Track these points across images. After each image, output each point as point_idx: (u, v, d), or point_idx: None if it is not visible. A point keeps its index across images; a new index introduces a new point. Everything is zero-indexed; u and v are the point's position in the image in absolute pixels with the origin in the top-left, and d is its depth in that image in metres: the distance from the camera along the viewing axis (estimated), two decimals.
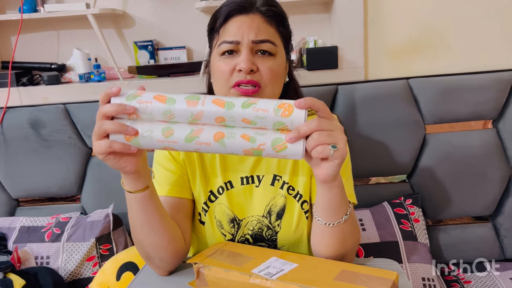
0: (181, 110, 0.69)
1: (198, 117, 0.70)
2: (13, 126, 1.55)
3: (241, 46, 0.90)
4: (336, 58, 1.54)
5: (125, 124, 0.70)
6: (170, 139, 0.70)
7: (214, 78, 0.95)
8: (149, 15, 1.70)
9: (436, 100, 1.49)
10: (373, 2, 1.55)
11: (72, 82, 1.68)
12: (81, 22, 1.65)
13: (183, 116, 0.70)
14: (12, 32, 1.72)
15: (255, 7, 0.92)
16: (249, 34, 0.90)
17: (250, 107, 0.69)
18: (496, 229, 1.56)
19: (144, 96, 0.70)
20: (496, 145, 1.51)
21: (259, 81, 0.90)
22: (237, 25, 0.91)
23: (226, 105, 0.69)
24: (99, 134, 0.72)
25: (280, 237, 0.99)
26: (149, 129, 0.70)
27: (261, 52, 0.91)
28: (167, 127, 0.70)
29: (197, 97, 0.70)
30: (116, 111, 0.70)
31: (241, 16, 0.91)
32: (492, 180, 1.52)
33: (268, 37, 0.91)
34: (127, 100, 0.70)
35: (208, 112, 0.70)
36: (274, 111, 0.69)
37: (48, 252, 1.43)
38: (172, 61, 1.70)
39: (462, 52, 1.59)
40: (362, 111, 1.48)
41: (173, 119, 0.71)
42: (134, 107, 0.70)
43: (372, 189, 1.58)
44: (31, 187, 1.60)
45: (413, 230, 1.42)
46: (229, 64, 0.90)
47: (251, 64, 0.88)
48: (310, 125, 0.69)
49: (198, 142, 0.70)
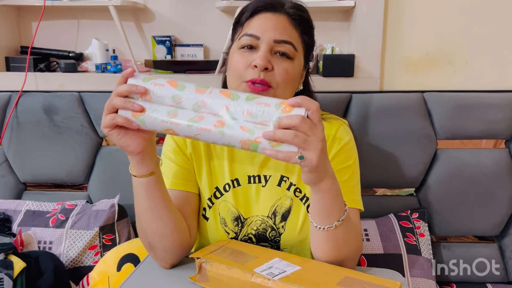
0: (189, 95, 0.73)
1: (204, 104, 0.73)
2: (27, 110, 1.56)
3: (261, 42, 0.89)
4: (353, 66, 1.54)
5: (131, 101, 0.74)
6: (173, 120, 0.73)
7: (229, 71, 0.95)
8: (169, 11, 1.71)
9: (450, 115, 1.48)
10: (393, 13, 1.54)
11: (89, 72, 1.69)
12: (102, 13, 1.67)
13: (190, 102, 0.73)
14: (34, 18, 1.74)
15: (284, 7, 0.92)
16: (272, 32, 0.89)
17: (254, 100, 0.72)
18: (501, 250, 1.54)
19: (158, 79, 0.74)
20: (507, 166, 1.50)
21: (271, 81, 0.89)
22: (262, 21, 0.91)
23: (232, 96, 0.72)
24: (107, 109, 0.75)
25: (283, 238, 0.99)
26: (156, 109, 0.73)
27: (280, 54, 0.90)
28: (173, 110, 0.73)
29: (206, 87, 0.74)
30: (128, 91, 0.74)
31: (268, 14, 0.91)
32: (501, 201, 1.50)
33: (290, 39, 0.91)
34: (143, 81, 0.74)
35: (214, 101, 0.72)
36: (275, 106, 0.71)
37: (51, 238, 1.43)
38: (188, 58, 1.71)
39: (479, 70, 1.58)
40: (375, 121, 1.48)
41: (181, 104, 0.73)
42: (145, 88, 0.74)
43: (379, 201, 1.57)
44: (39, 172, 1.61)
45: (417, 244, 1.41)
46: (246, 58, 0.89)
47: (267, 61, 0.88)
48: (292, 119, 0.69)
49: (198, 128, 0.72)
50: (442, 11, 1.54)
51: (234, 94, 0.73)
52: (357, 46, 1.55)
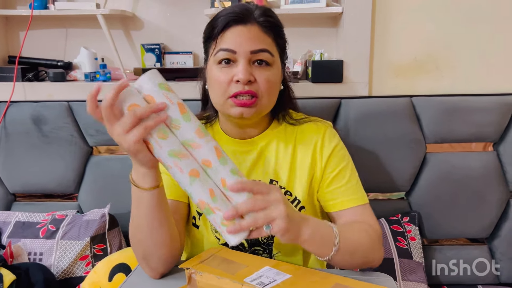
0: (188, 129, 0.73)
1: (195, 147, 0.74)
2: (16, 120, 1.55)
3: (238, 55, 0.91)
4: (341, 72, 1.55)
5: (157, 118, 0.72)
6: (160, 141, 0.72)
7: (211, 87, 0.96)
8: (158, 18, 1.71)
9: (438, 119, 1.49)
10: (380, 20, 1.56)
11: (77, 81, 1.68)
12: (90, 21, 1.67)
13: (185, 135, 0.73)
14: (21, 28, 1.73)
15: (253, 17, 0.93)
16: (247, 44, 0.91)
17: (235, 176, 0.75)
18: (492, 252, 1.55)
19: (171, 94, 0.73)
20: (495, 168, 1.51)
21: (257, 91, 0.91)
22: (235, 35, 0.91)
23: (221, 159, 0.74)
24: (132, 123, 0.71)
25: (276, 241, 0.99)
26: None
27: (258, 62, 0.92)
28: (165, 130, 0.73)
29: (205, 132, 0.75)
30: (157, 109, 0.72)
31: (239, 26, 0.92)
32: (490, 203, 1.52)
33: (265, 47, 0.92)
34: (158, 86, 0.73)
35: (205, 151, 0.74)
36: (246, 195, 0.74)
37: (41, 249, 1.42)
38: (178, 65, 1.71)
39: (466, 74, 1.59)
40: (364, 126, 1.48)
41: (176, 130, 0.73)
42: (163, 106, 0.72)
43: (370, 205, 1.57)
44: (29, 182, 1.60)
45: (409, 248, 1.41)
46: (227, 74, 0.91)
47: (249, 74, 0.90)
48: (246, 205, 0.73)
49: (175, 163, 0.73)
50: (429, 17, 1.56)
51: (223, 158, 0.75)
52: (345, 52, 1.56)
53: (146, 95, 0.73)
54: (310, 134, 1.02)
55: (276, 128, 1.04)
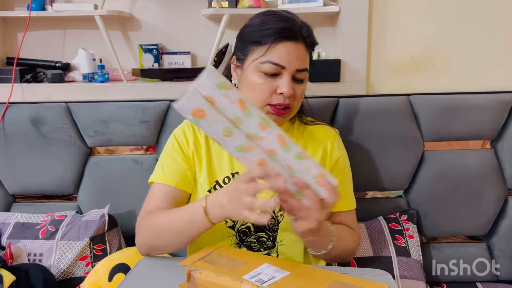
0: (251, 124, 0.75)
1: (258, 139, 0.77)
2: (14, 122, 1.56)
3: (284, 71, 0.97)
4: (339, 71, 1.55)
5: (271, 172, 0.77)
6: (225, 138, 0.76)
7: (251, 90, 1.01)
8: (155, 19, 1.72)
9: (436, 117, 1.50)
10: (377, 18, 1.56)
11: (76, 82, 1.69)
12: (88, 22, 1.67)
13: (248, 130, 0.76)
14: (19, 29, 1.73)
15: (301, 35, 0.98)
16: (296, 62, 0.97)
17: (300, 160, 0.78)
18: (490, 249, 1.55)
19: (230, 92, 0.74)
20: (493, 166, 1.52)
21: (292, 103, 1.00)
22: (287, 51, 0.97)
23: (285, 147, 0.77)
24: (253, 192, 0.78)
25: (281, 226, 1.04)
26: (215, 119, 0.74)
27: (297, 80, 1.00)
28: (228, 127, 0.75)
29: (268, 123, 0.77)
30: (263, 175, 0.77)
31: (290, 43, 0.97)
32: (488, 201, 1.52)
33: (307, 66, 1.01)
34: (217, 87, 0.73)
35: (268, 141, 0.77)
36: (313, 176, 0.79)
37: (41, 250, 1.42)
38: (176, 65, 1.71)
39: (464, 72, 1.60)
40: (362, 125, 1.49)
41: (239, 125, 0.76)
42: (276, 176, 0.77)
43: (369, 203, 1.58)
44: (28, 183, 1.60)
45: (407, 246, 1.42)
46: (271, 85, 0.98)
47: (292, 89, 0.97)
48: (308, 192, 0.80)
49: (244, 157, 0.77)
50: (426, 15, 1.56)
51: (288, 145, 0.77)
52: (343, 51, 1.57)
53: (206, 95, 0.74)
54: (321, 136, 1.13)
55: (289, 125, 1.13)
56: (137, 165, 1.54)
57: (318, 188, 0.80)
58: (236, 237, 1.06)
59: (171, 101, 1.53)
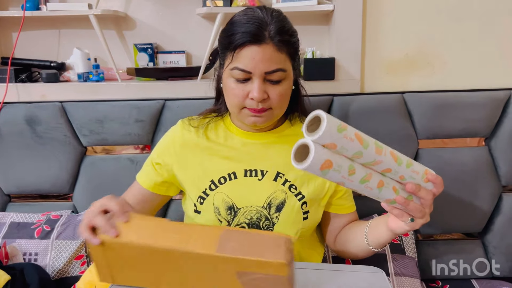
0: (370, 153, 0.75)
1: (377, 163, 0.77)
2: (9, 121, 1.56)
3: (253, 75, 0.96)
4: (333, 69, 1.55)
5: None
6: (351, 177, 0.76)
7: (227, 95, 1.03)
8: (150, 18, 1.72)
9: (430, 115, 1.50)
10: (371, 17, 1.56)
11: (71, 81, 1.68)
12: (82, 22, 1.67)
13: (367, 159, 0.76)
14: (14, 29, 1.73)
15: (268, 36, 0.95)
16: (262, 65, 0.95)
17: (410, 167, 0.81)
18: (484, 246, 1.56)
19: (348, 131, 0.73)
20: (487, 163, 1.53)
21: (269, 105, 0.99)
22: (250, 56, 0.95)
23: (398, 161, 0.79)
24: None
25: (276, 229, 1.04)
26: (340, 165, 0.74)
27: (271, 82, 0.98)
28: (351, 166, 0.75)
29: (381, 146, 0.77)
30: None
31: (254, 47, 0.94)
32: (483, 198, 1.53)
33: (279, 66, 0.96)
34: (338, 131, 0.71)
35: (385, 162, 0.78)
36: (421, 176, 0.83)
37: (37, 249, 1.42)
38: (171, 64, 1.71)
39: (458, 70, 1.60)
40: (357, 123, 1.49)
41: (358, 159, 0.76)
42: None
43: (363, 201, 1.57)
44: (23, 183, 1.60)
45: (401, 243, 1.42)
46: (242, 90, 0.98)
47: (263, 93, 0.96)
48: (423, 192, 0.84)
49: (367, 186, 0.78)
50: (420, 13, 1.57)
51: (399, 159, 0.79)
52: (337, 49, 1.57)
53: (326, 144, 0.72)
54: None
55: (288, 127, 1.13)
56: (133, 164, 1.54)
57: (426, 185, 0.85)
58: None
59: (166, 100, 1.53)
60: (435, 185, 0.85)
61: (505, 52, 1.58)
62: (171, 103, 1.52)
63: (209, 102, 1.24)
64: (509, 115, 1.51)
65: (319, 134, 0.69)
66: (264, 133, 1.10)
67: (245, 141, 1.09)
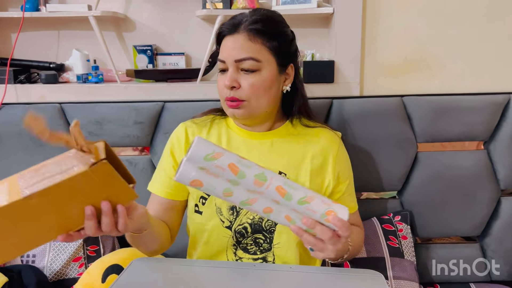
0: (248, 184, 0.77)
1: (258, 194, 0.79)
2: (8, 122, 1.55)
3: (227, 65, 1.00)
4: (333, 72, 1.56)
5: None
6: (228, 198, 0.79)
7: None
8: (150, 20, 1.71)
9: (429, 119, 1.50)
10: (371, 20, 1.57)
11: (70, 82, 1.68)
12: (82, 23, 1.66)
13: (247, 187, 0.78)
14: (13, 30, 1.73)
15: (242, 27, 0.99)
16: (231, 53, 0.99)
17: (304, 205, 0.80)
18: (483, 250, 1.56)
19: (220, 161, 0.75)
20: (486, 167, 1.53)
21: (241, 96, 1.00)
22: (226, 46, 1.01)
23: (286, 196, 0.79)
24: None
25: (278, 229, 1.05)
26: (213, 185, 0.77)
27: (244, 70, 1.00)
28: (228, 188, 0.78)
29: (264, 178, 0.78)
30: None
31: (229, 37, 1.01)
32: (481, 201, 1.53)
33: (249, 55, 0.98)
34: (204, 160, 0.74)
35: (268, 195, 0.79)
36: (320, 215, 0.81)
37: (34, 251, 1.42)
38: (170, 66, 1.71)
39: (456, 73, 1.61)
40: (356, 126, 1.49)
41: (236, 185, 0.78)
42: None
43: (363, 204, 1.58)
44: None
45: (400, 247, 1.42)
46: (221, 80, 1.02)
47: (232, 81, 0.99)
48: (318, 229, 0.83)
49: (250, 208, 0.81)
50: (419, 17, 1.57)
51: (288, 194, 0.79)
52: (337, 52, 1.57)
53: (198, 166, 0.75)
54: (324, 139, 1.12)
55: (289, 127, 1.13)
56: (131, 166, 1.54)
57: (328, 224, 0.83)
58: (233, 238, 1.06)
59: (165, 102, 1.53)
60: (338, 228, 0.82)
61: (504, 56, 1.59)
62: (171, 105, 1.52)
63: (208, 104, 1.24)
64: (508, 119, 1.51)
65: (187, 156, 0.74)
66: (264, 133, 1.10)
67: (246, 140, 1.09)
